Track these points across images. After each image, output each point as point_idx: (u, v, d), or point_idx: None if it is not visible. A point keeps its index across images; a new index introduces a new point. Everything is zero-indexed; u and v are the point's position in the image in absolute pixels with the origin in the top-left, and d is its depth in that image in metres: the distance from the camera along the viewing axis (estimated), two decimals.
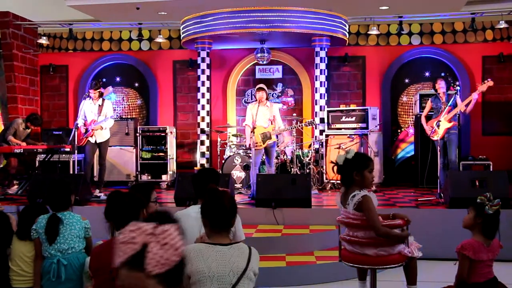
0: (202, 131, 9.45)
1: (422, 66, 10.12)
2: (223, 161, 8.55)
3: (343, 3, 8.98)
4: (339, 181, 3.72)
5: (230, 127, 9.57)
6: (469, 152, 9.59)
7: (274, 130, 7.33)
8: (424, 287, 4.41)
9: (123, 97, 10.85)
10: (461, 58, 9.96)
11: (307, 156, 8.59)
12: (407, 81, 10.20)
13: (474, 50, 9.98)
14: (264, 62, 9.59)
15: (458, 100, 7.06)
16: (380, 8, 9.35)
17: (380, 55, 10.21)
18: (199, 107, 9.52)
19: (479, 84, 7.16)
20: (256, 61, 9.78)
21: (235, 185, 8.04)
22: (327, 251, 5.53)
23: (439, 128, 7.00)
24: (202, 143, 9.46)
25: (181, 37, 9.45)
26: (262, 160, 7.57)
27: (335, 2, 8.86)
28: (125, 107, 10.82)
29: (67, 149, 8.13)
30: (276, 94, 10.34)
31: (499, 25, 9.15)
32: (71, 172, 8.87)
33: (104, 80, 10.46)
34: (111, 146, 8.77)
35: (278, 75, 10.33)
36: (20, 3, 9.58)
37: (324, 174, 8.72)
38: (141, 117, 10.76)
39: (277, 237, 5.72)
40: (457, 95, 7.07)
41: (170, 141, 9.65)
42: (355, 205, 3.42)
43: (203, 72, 9.49)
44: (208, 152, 9.55)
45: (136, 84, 10.84)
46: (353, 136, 8.49)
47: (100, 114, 7.66)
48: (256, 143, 7.21)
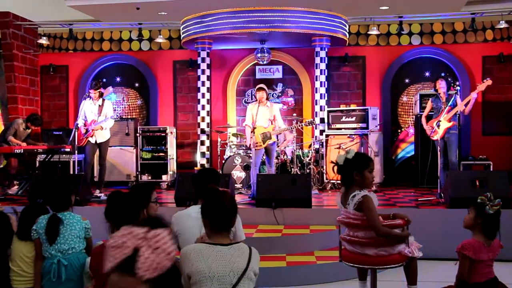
0: (202, 131, 9.45)
1: (422, 66, 10.12)
2: (223, 161, 8.55)
3: (343, 3, 8.98)
4: (339, 181, 3.72)
5: (230, 127, 9.57)
6: (469, 152, 9.59)
7: (274, 130, 7.34)
8: (425, 287, 4.41)
9: (123, 97, 10.85)
10: (461, 58, 9.96)
11: (307, 156, 8.59)
12: (407, 81, 10.20)
13: (474, 50, 9.97)
14: (264, 62, 9.60)
15: (458, 100, 7.07)
16: (380, 8, 9.35)
17: (380, 55, 10.21)
18: (199, 107, 9.52)
19: (479, 84, 7.17)
20: (256, 61, 9.79)
21: (235, 185, 8.04)
22: (328, 251, 5.53)
23: (439, 128, 7.00)
24: (202, 143, 9.46)
25: (181, 37, 9.45)
26: (262, 160, 7.57)
27: (335, 2, 8.86)
28: (125, 107, 10.83)
29: (67, 150, 8.13)
30: (276, 94, 10.34)
31: (499, 25, 9.15)
32: (71, 173, 8.87)
33: (104, 80, 10.48)
34: (111, 146, 8.77)
35: (278, 75, 10.33)
36: (20, 3, 9.58)
37: (325, 174, 8.71)
38: (141, 117, 10.76)
39: (278, 237, 5.72)
40: (457, 95, 7.07)
41: (170, 141, 9.65)
42: (356, 205, 3.41)
43: (203, 72, 9.49)
44: (208, 152, 9.55)
45: (136, 84, 10.84)
46: (353, 136, 8.49)
47: (100, 115, 7.67)
48: (256, 143, 7.21)
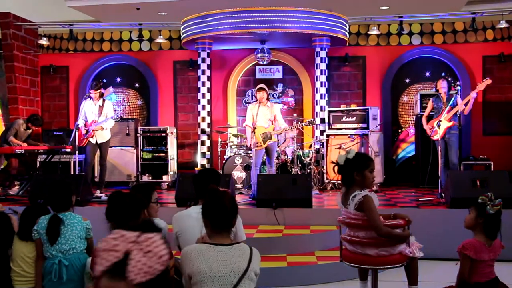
0: (203, 132, 9.45)
1: (423, 66, 10.11)
2: (224, 162, 8.55)
3: (343, 3, 8.98)
4: (340, 181, 3.72)
5: (231, 128, 9.57)
6: (470, 152, 9.59)
7: (275, 130, 7.33)
8: (425, 287, 4.41)
9: (124, 98, 10.85)
10: (462, 58, 9.96)
11: (308, 156, 8.59)
12: (408, 81, 10.19)
13: (475, 50, 9.97)
14: (265, 63, 9.60)
15: (459, 100, 7.08)
16: (380, 8, 9.35)
17: (381, 55, 10.21)
18: (200, 108, 9.52)
19: (479, 83, 7.19)
20: (257, 62, 9.78)
21: (236, 186, 8.03)
22: (328, 251, 5.53)
23: (440, 128, 7.01)
24: (203, 144, 9.45)
25: (182, 38, 9.45)
26: (263, 161, 7.57)
27: (335, 2, 8.86)
28: (126, 108, 10.83)
29: (68, 150, 8.13)
30: (277, 95, 10.34)
31: (500, 25, 9.14)
32: (72, 173, 8.87)
33: (105, 81, 10.49)
34: (112, 147, 8.78)
35: (279, 75, 10.33)
36: (21, 4, 9.58)
37: (325, 174, 8.71)
38: (142, 118, 10.76)
39: (278, 237, 5.72)
40: (458, 95, 7.08)
41: (171, 142, 9.65)
42: (356, 205, 3.41)
43: (204, 73, 9.49)
44: (209, 153, 9.55)
45: (137, 85, 10.85)
46: (354, 136, 8.49)
47: (101, 115, 7.67)
48: (257, 143, 7.21)
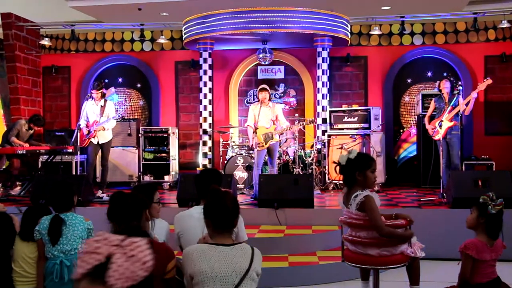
0: (204, 132, 9.45)
1: (424, 66, 10.10)
2: (226, 162, 8.55)
3: (345, 3, 8.98)
4: (342, 181, 3.72)
5: (233, 128, 9.57)
6: (472, 152, 9.57)
7: (276, 130, 7.33)
8: (427, 287, 4.40)
9: (125, 98, 10.86)
10: (463, 58, 9.95)
11: (310, 156, 8.59)
12: (409, 81, 10.18)
13: (476, 50, 9.95)
14: (266, 63, 9.59)
15: (460, 100, 7.08)
16: (382, 8, 9.35)
17: (382, 55, 10.20)
18: (201, 108, 9.52)
19: (480, 83, 7.19)
20: (258, 62, 9.78)
21: (238, 186, 8.04)
22: (330, 252, 5.53)
23: (441, 128, 7.01)
24: (205, 144, 9.46)
25: (183, 38, 9.46)
26: (265, 161, 7.57)
27: (337, 3, 8.85)
28: (127, 108, 10.84)
29: (70, 150, 8.14)
30: (278, 95, 10.34)
31: (502, 25, 9.13)
32: (74, 173, 8.86)
33: (106, 81, 10.51)
34: (114, 147, 8.79)
35: (280, 76, 10.33)
36: (23, 5, 9.60)
37: (327, 174, 8.71)
38: (143, 118, 10.77)
39: (280, 238, 5.71)
40: (459, 95, 7.07)
41: (173, 142, 9.67)
42: (358, 205, 3.41)
43: (205, 73, 9.49)
44: (211, 153, 9.55)
45: (138, 85, 10.85)
46: (355, 136, 8.49)
47: (102, 115, 7.69)
48: (259, 144, 7.21)
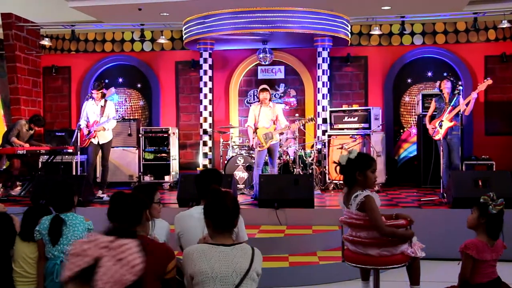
0: (205, 132, 9.45)
1: (425, 66, 10.10)
2: (226, 162, 8.55)
3: (345, 4, 8.97)
4: (342, 182, 3.72)
5: (233, 128, 9.57)
6: (472, 152, 9.57)
7: (276, 130, 7.32)
8: (427, 287, 4.40)
9: (126, 98, 10.86)
10: (464, 58, 9.94)
11: (310, 157, 8.59)
12: (410, 81, 10.18)
13: (477, 50, 9.95)
14: (266, 63, 9.59)
15: (461, 100, 7.09)
16: (382, 8, 9.34)
17: (382, 55, 10.20)
18: (202, 108, 9.52)
19: (480, 84, 7.20)
20: (258, 62, 9.78)
21: (238, 186, 8.04)
22: (330, 252, 5.53)
23: (441, 128, 7.01)
24: (205, 144, 9.46)
25: (183, 38, 9.46)
26: (265, 161, 7.56)
27: (337, 3, 8.85)
28: (128, 108, 10.84)
29: (70, 150, 8.14)
30: (279, 95, 10.33)
31: (502, 25, 9.13)
32: (74, 173, 8.88)
33: (107, 81, 10.51)
34: (114, 147, 8.79)
35: (280, 76, 10.33)
36: (23, 5, 9.60)
37: (327, 175, 8.71)
38: (144, 118, 10.77)
39: (280, 238, 5.71)
40: (460, 95, 7.08)
41: (173, 142, 9.67)
42: (358, 205, 3.41)
43: (206, 73, 9.49)
44: (211, 153, 9.56)
45: (139, 85, 10.85)
46: (356, 136, 8.49)
47: (103, 115, 7.69)
48: (259, 144, 7.21)
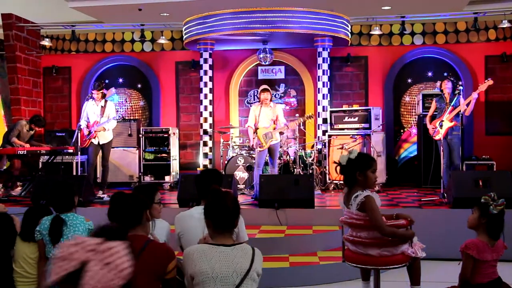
0: (205, 132, 9.45)
1: (425, 66, 10.10)
2: (226, 162, 8.55)
3: (345, 4, 8.97)
4: (342, 182, 3.71)
5: (233, 128, 9.56)
6: (472, 152, 9.57)
7: (275, 130, 7.30)
8: (428, 287, 4.40)
9: (126, 98, 10.87)
10: (464, 58, 9.94)
11: (310, 157, 8.59)
12: (410, 81, 10.18)
13: (477, 50, 9.95)
14: (267, 63, 9.59)
15: (461, 100, 7.11)
16: (382, 8, 9.34)
17: (383, 55, 10.19)
18: (202, 108, 9.52)
19: (481, 84, 7.20)
20: (259, 62, 9.78)
21: (238, 186, 8.04)
22: (331, 252, 5.53)
23: (442, 128, 7.01)
24: (205, 144, 9.46)
25: (184, 38, 9.46)
26: (266, 161, 7.56)
27: (337, 3, 8.85)
28: (128, 108, 10.84)
29: (70, 151, 8.15)
30: (279, 95, 10.33)
31: (502, 25, 9.12)
32: (74, 174, 8.89)
33: (107, 82, 10.50)
34: (114, 148, 8.79)
35: (281, 76, 10.33)
36: (23, 5, 9.60)
37: (327, 175, 8.71)
38: (144, 118, 10.77)
39: (280, 238, 5.71)
40: (460, 95, 7.08)
41: (173, 142, 9.67)
42: (358, 206, 3.41)
43: (206, 73, 9.49)
44: (211, 153, 9.55)
45: (139, 85, 10.85)
46: (356, 137, 8.49)
47: (103, 116, 7.70)
48: (259, 144, 7.21)
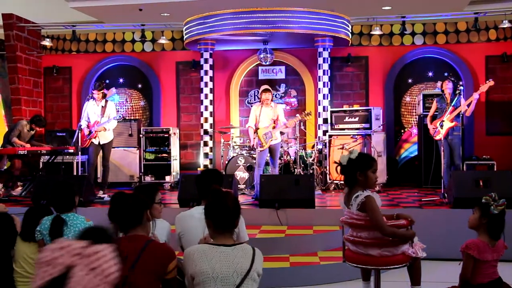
0: (205, 132, 9.45)
1: (425, 66, 10.09)
2: (227, 162, 8.55)
3: (346, 4, 8.97)
4: (343, 182, 3.72)
5: (234, 128, 9.56)
6: (473, 152, 9.56)
7: (275, 129, 7.29)
8: None
9: (126, 99, 10.87)
10: (464, 58, 9.93)
11: (311, 157, 8.59)
12: (410, 81, 10.17)
13: (477, 50, 9.94)
14: (267, 63, 9.59)
15: (462, 101, 7.11)
16: (383, 8, 9.34)
17: (383, 55, 10.19)
18: (202, 108, 9.52)
19: (482, 85, 7.20)
20: (259, 62, 9.78)
21: (239, 186, 8.04)
22: (331, 252, 5.53)
23: (442, 128, 7.01)
24: (206, 144, 9.46)
25: (184, 38, 9.46)
26: (266, 161, 7.56)
27: (338, 3, 8.85)
28: (128, 108, 10.84)
29: (71, 151, 8.15)
30: (279, 95, 10.33)
31: (503, 25, 9.12)
32: (75, 174, 8.89)
33: (107, 82, 10.50)
34: (115, 148, 8.79)
35: (281, 76, 10.33)
36: (24, 5, 9.60)
37: (328, 175, 8.71)
38: (144, 118, 10.77)
39: (281, 238, 5.71)
40: (461, 96, 7.08)
41: (174, 142, 9.67)
42: (359, 206, 3.41)
43: (206, 73, 9.49)
44: (212, 153, 9.55)
45: (139, 85, 10.85)
46: (357, 137, 8.49)
47: (103, 116, 7.70)
48: (260, 144, 7.20)
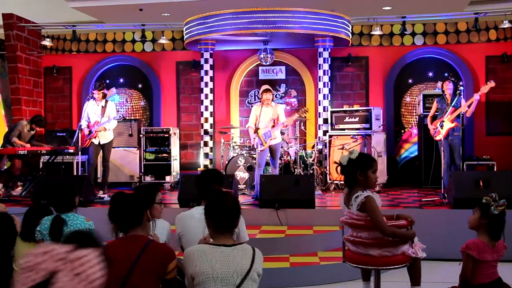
0: (206, 132, 9.45)
1: (426, 67, 10.09)
2: (227, 162, 8.55)
3: (346, 4, 8.97)
4: (343, 182, 3.72)
5: (234, 128, 9.56)
6: (473, 152, 9.56)
7: (274, 128, 7.27)
8: None
9: (127, 99, 10.87)
10: (465, 58, 9.93)
11: (311, 157, 8.59)
12: (411, 82, 10.17)
13: (478, 50, 9.94)
14: (267, 63, 9.59)
15: (462, 101, 7.10)
16: (383, 9, 9.34)
17: (383, 56, 10.19)
18: (203, 108, 9.52)
19: (482, 86, 7.20)
20: (259, 62, 9.78)
21: (239, 186, 8.04)
22: (331, 252, 5.53)
23: (442, 129, 7.01)
24: (206, 144, 9.46)
25: (184, 38, 9.46)
26: (267, 161, 7.56)
27: (338, 3, 8.85)
28: (129, 108, 10.84)
29: (71, 151, 8.15)
30: (280, 95, 10.33)
31: (503, 25, 9.12)
32: (75, 174, 8.89)
33: (108, 82, 10.50)
34: (115, 148, 8.79)
35: (281, 76, 10.32)
36: (24, 5, 9.61)
37: (328, 175, 8.70)
38: (145, 118, 10.77)
39: (281, 238, 5.71)
40: (461, 96, 7.08)
41: (174, 142, 9.67)
42: (359, 206, 3.41)
43: (206, 73, 9.49)
44: (212, 153, 9.55)
45: (140, 85, 10.85)
46: (357, 137, 8.49)
47: (103, 116, 7.70)
48: (260, 144, 7.20)
